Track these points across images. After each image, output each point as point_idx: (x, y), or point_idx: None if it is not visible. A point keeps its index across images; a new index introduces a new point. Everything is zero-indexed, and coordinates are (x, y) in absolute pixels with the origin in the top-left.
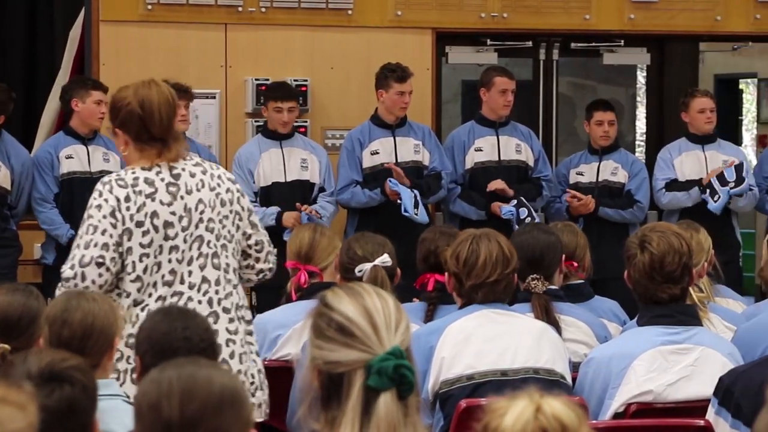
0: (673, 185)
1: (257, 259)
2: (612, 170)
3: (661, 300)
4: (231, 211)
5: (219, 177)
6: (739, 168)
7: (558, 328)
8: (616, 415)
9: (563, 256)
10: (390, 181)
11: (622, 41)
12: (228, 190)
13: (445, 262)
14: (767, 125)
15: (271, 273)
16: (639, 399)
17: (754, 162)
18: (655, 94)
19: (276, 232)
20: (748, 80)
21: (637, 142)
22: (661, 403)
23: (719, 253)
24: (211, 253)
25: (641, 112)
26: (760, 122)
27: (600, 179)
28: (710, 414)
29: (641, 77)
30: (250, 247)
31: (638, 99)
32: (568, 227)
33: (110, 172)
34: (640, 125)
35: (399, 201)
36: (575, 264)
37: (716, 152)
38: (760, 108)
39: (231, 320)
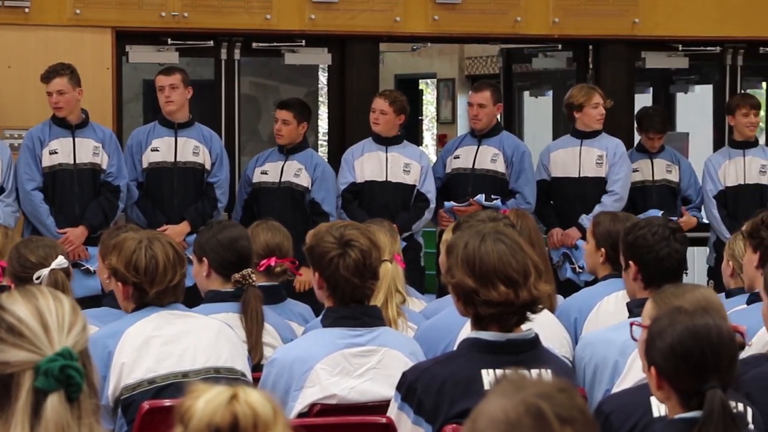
0: (351, 206)
1: None
2: (295, 171)
3: (363, 297)
4: None
5: None
6: None
7: (262, 324)
8: (301, 415)
9: None
10: None
11: (304, 41)
12: None
13: (119, 273)
14: (447, 125)
15: None
16: (322, 401)
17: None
18: (336, 94)
19: None
20: (428, 80)
21: (319, 142)
22: (345, 405)
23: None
24: None
25: (323, 112)
26: (439, 122)
27: (283, 180)
28: (393, 409)
29: (323, 77)
30: None
31: (320, 99)
32: (277, 226)
33: None
34: (323, 125)
35: None
36: (297, 262)
37: (399, 154)
38: (440, 108)
39: None
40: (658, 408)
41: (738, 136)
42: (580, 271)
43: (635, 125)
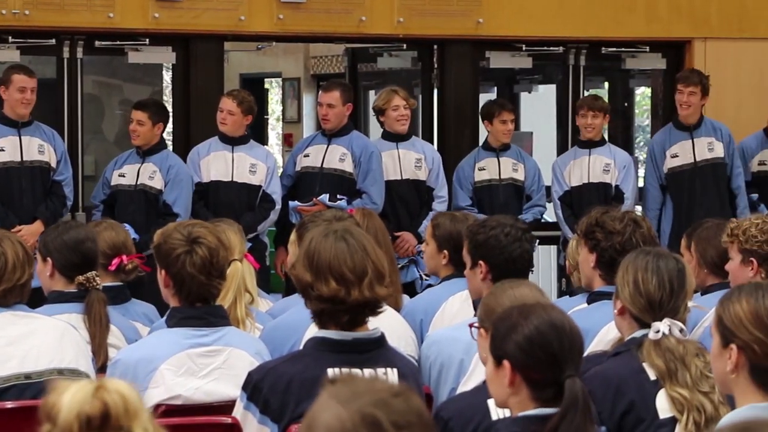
0: (196, 206)
1: None
2: (150, 173)
3: (209, 296)
4: None
5: None
6: None
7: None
8: None
9: None
10: None
11: (147, 40)
12: None
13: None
14: (292, 124)
15: None
16: (167, 402)
17: (281, 161)
18: (181, 94)
19: None
20: (273, 80)
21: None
22: (190, 405)
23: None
24: None
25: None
26: (285, 121)
27: (139, 182)
28: (238, 409)
29: (167, 76)
30: None
31: (165, 98)
32: (117, 224)
33: None
34: (167, 124)
35: None
36: (146, 258)
37: (245, 154)
38: (285, 107)
39: None
40: (496, 411)
41: (581, 136)
42: (427, 277)
43: (480, 121)
